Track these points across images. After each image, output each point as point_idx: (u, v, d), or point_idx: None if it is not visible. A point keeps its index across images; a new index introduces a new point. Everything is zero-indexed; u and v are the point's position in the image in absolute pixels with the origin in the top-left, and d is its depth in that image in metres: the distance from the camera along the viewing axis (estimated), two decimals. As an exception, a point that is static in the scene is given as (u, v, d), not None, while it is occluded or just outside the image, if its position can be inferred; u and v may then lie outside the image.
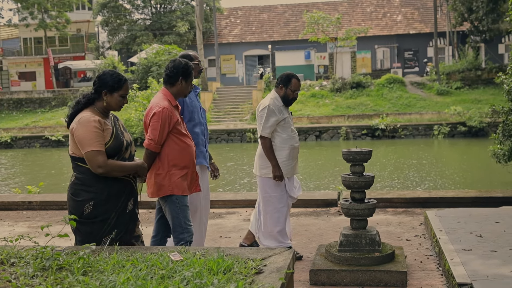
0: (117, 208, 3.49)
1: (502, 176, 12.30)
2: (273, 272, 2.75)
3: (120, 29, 41.28)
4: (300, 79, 5.28)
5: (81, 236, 3.46)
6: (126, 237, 3.58)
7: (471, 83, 30.53)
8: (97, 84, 3.51)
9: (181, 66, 4.18)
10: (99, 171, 3.35)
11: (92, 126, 3.35)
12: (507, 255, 4.55)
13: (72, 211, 3.44)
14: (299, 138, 5.42)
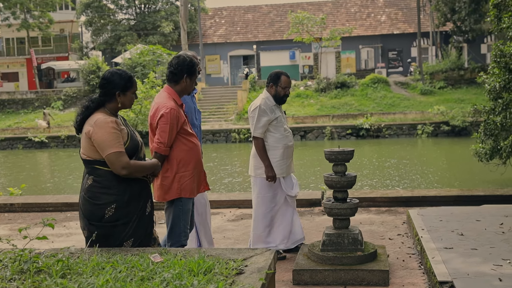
0: (138, 211, 3.40)
1: (484, 174, 12.44)
2: (254, 272, 2.75)
3: (104, 29, 41.02)
4: (289, 76, 5.27)
5: (100, 241, 3.30)
6: (146, 240, 3.47)
7: (454, 82, 30.82)
8: (107, 86, 3.40)
9: (186, 63, 4.04)
10: (123, 172, 3.27)
11: (110, 127, 3.26)
12: (488, 253, 4.60)
13: (90, 215, 3.32)
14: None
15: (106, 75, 3.44)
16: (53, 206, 8.15)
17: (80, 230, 6.67)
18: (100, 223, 3.30)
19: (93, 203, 3.31)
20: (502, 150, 10.47)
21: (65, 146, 27.40)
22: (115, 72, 3.44)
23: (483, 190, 7.79)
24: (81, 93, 33.91)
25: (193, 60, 4.09)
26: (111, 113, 3.41)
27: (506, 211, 6.14)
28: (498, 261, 4.37)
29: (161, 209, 5.82)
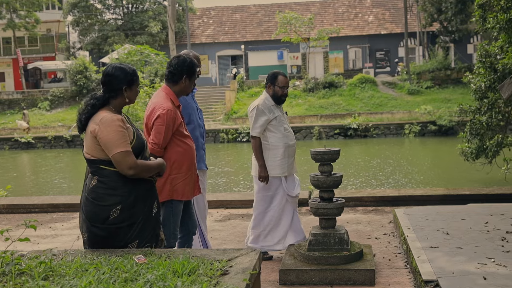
0: (144, 212, 3.28)
1: (470, 174, 12.53)
2: (238, 273, 2.74)
3: (91, 29, 40.75)
4: (287, 76, 5.32)
5: (103, 243, 3.23)
6: (152, 242, 3.34)
7: (441, 82, 31.03)
8: (112, 82, 3.28)
9: (186, 63, 3.99)
10: (130, 172, 3.16)
11: (116, 126, 3.15)
12: (473, 252, 4.63)
13: (94, 217, 3.20)
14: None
15: (110, 71, 3.31)
16: (38, 207, 8.09)
17: (66, 231, 6.65)
18: (104, 225, 3.19)
19: (97, 204, 3.19)
20: (487, 149, 10.58)
21: (52, 147, 27.20)
22: (119, 67, 3.33)
23: (469, 189, 7.85)
24: (68, 93, 33.68)
25: (193, 61, 4.05)
26: (116, 110, 3.31)
27: (491, 210, 6.20)
28: (483, 259, 4.41)
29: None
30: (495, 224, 5.54)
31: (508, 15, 8.06)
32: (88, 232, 3.26)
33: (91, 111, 3.25)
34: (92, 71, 33.58)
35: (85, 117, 3.26)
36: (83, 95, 32.54)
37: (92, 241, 3.26)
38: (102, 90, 3.33)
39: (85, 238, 3.31)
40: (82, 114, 3.27)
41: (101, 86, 3.33)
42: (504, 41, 8.56)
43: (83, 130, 3.28)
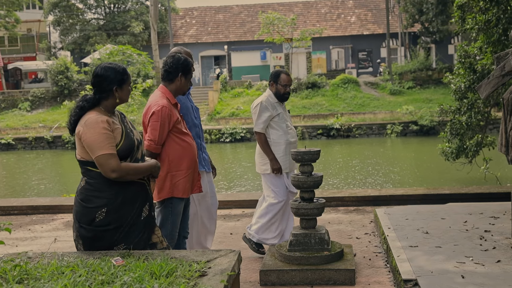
0: (132, 215, 3.24)
1: (450, 173, 12.66)
2: (217, 274, 2.73)
3: (72, 29, 40.36)
4: (289, 74, 5.44)
5: (90, 244, 3.22)
6: (140, 245, 3.29)
7: (423, 83, 31.31)
8: (103, 83, 3.24)
9: (181, 61, 4.00)
10: (112, 175, 3.11)
11: (100, 128, 3.11)
12: (451, 251, 4.67)
13: (81, 218, 3.20)
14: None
15: (99, 72, 3.26)
16: (18, 209, 7.99)
17: (45, 234, 6.58)
18: (90, 227, 3.18)
19: (85, 205, 3.19)
20: (467, 149, 10.69)
21: (33, 148, 26.88)
22: (108, 67, 3.28)
23: (449, 189, 7.93)
24: (49, 94, 33.32)
25: (188, 60, 4.06)
26: (108, 110, 3.27)
27: (470, 209, 6.26)
28: (461, 258, 4.45)
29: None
30: (474, 223, 5.60)
31: (487, 16, 8.16)
32: (77, 232, 3.27)
33: (79, 113, 3.23)
34: (74, 71, 33.28)
35: (74, 119, 3.24)
36: (64, 95, 32.25)
37: (80, 242, 3.28)
38: (93, 92, 3.30)
39: (74, 238, 3.33)
40: (72, 116, 3.26)
41: (92, 87, 3.30)
42: (482, 42, 8.66)
43: (73, 132, 3.26)
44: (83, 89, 28.22)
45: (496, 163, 11.10)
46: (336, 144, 23.56)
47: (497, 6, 8.02)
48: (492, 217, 5.81)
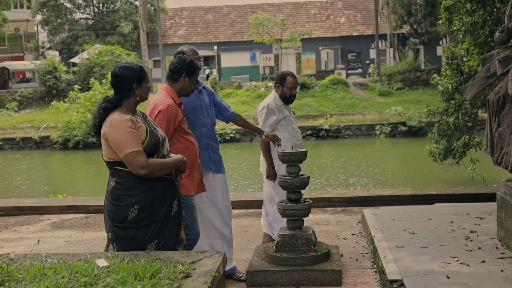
0: (162, 211, 3.31)
1: (438, 174, 12.73)
2: (201, 275, 2.72)
3: (61, 28, 40.10)
4: (295, 76, 5.37)
5: (124, 243, 3.26)
6: (171, 242, 3.38)
7: (411, 84, 31.48)
8: (122, 82, 3.29)
9: (186, 62, 4.00)
10: (141, 172, 3.18)
11: (125, 127, 3.17)
12: (437, 251, 4.69)
13: (114, 217, 3.27)
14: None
15: (117, 72, 3.32)
16: (3, 210, 7.92)
17: (31, 235, 6.53)
18: (123, 225, 3.24)
19: (117, 204, 3.25)
20: (455, 150, 10.76)
21: (21, 148, 26.67)
22: (125, 66, 3.34)
23: (436, 189, 7.97)
24: (37, 94, 33.08)
25: (194, 61, 4.05)
26: (130, 109, 3.33)
27: (457, 209, 6.29)
28: (447, 259, 4.47)
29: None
30: (460, 223, 5.63)
31: (473, 18, 8.22)
32: (111, 231, 3.32)
33: (104, 114, 3.28)
34: (62, 71, 33.07)
35: (98, 121, 3.28)
36: (52, 95, 32.03)
37: (115, 241, 3.32)
38: (114, 92, 3.34)
39: (110, 238, 3.35)
40: (96, 118, 3.29)
41: (112, 88, 3.34)
42: (469, 43, 8.72)
43: (99, 134, 3.31)
44: (72, 89, 28.03)
45: (483, 164, 11.18)
46: (325, 145, 23.61)
47: (483, 8, 8.08)
48: (478, 218, 5.84)
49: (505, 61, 4.36)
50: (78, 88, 26.77)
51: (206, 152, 4.44)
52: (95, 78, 28.14)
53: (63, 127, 24.89)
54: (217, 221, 4.54)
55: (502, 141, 4.78)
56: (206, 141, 4.45)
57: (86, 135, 24.21)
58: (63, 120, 25.17)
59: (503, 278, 3.99)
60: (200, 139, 4.37)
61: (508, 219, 4.66)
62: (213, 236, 4.52)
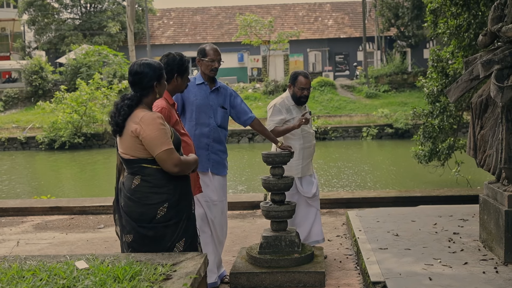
0: (187, 209, 3.29)
1: (423, 176, 12.80)
2: (181, 277, 2.70)
3: (47, 28, 39.76)
4: (308, 76, 5.14)
5: (151, 244, 3.17)
6: (196, 240, 3.35)
7: (398, 86, 31.64)
8: (144, 80, 3.21)
9: (176, 61, 3.89)
10: (175, 170, 3.14)
11: (158, 124, 3.12)
12: (420, 253, 4.72)
13: (140, 217, 3.16)
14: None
15: (138, 69, 3.24)
16: (-14, 212, 7.83)
17: (14, 236, 6.45)
18: (151, 224, 3.15)
19: (144, 203, 3.15)
20: (440, 152, 10.83)
21: (6, 149, 26.38)
22: (145, 63, 3.26)
23: (420, 191, 8.02)
24: (23, 94, 32.77)
25: (183, 58, 3.96)
26: (149, 107, 3.28)
27: (440, 211, 6.33)
28: (430, 260, 4.49)
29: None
30: (443, 225, 5.66)
31: (458, 21, 8.28)
32: (134, 233, 3.20)
33: (128, 111, 3.20)
34: (48, 71, 32.79)
35: (122, 118, 3.18)
36: (38, 96, 31.74)
37: (139, 242, 3.21)
38: (133, 90, 3.26)
39: (129, 240, 3.23)
40: (119, 116, 3.19)
41: (131, 86, 3.27)
42: (454, 46, 8.78)
43: (118, 133, 3.21)
44: (58, 89, 27.80)
45: (468, 166, 11.25)
46: (312, 147, 23.61)
47: (468, 12, 8.15)
48: (461, 220, 5.89)
49: (487, 64, 4.39)
50: (65, 89, 26.56)
51: (205, 152, 4.35)
52: (82, 78, 27.93)
53: (49, 128, 24.68)
54: (217, 223, 4.41)
55: (485, 143, 4.82)
56: (206, 141, 4.36)
57: (72, 135, 24.04)
58: (49, 121, 24.96)
59: (484, 279, 4.01)
60: (200, 138, 4.32)
61: (490, 221, 4.70)
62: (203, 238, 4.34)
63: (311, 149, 5.21)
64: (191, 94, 4.34)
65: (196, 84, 4.39)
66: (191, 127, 4.32)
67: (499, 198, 4.58)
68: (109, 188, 13.39)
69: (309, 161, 5.22)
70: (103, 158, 21.74)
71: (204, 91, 4.39)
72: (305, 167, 5.16)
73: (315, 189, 5.23)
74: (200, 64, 4.43)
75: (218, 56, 4.40)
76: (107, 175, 16.99)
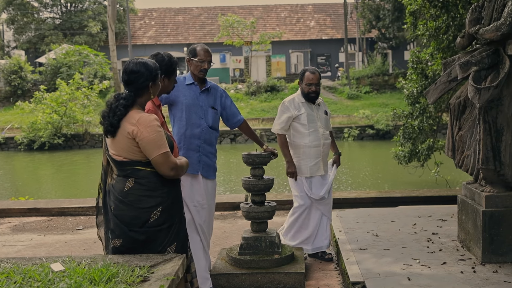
0: (179, 213, 3.23)
1: (404, 176, 12.90)
2: (159, 279, 2.67)
3: (27, 27, 39.29)
4: (315, 72, 5.06)
5: (142, 248, 3.10)
6: (186, 244, 3.29)
7: (379, 87, 31.89)
8: (140, 80, 3.13)
9: (164, 62, 3.78)
10: (171, 173, 3.08)
11: (155, 126, 3.05)
12: (399, 253, 4.74)
13: (132, 221, 3.08)
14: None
15: (133, 68, 3.15)
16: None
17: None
18: (144, 229, 3.08)
19: (137, 207, 3.07)
20: (419, 153, 10.91)
21: (-17, 150, 26.00)
22: (141, 62, 3.18)
23: (400, 192, 8.07)
24: (1, 94, 32.31)
25: (172, 59, 3.86)
26: (142, 108, 3.20)
27: (420, 211, 6.38)
28: (409, 260, 4.52)
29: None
30: (422, 225, 5.71)
31: (437, 23, 8.35)
32: (124, 237, 3.11)
33: (124, 112, 3.10)
34: (28, 71, 32.38)
35: (117, 119, 3.09)
36: (17, 96, 31.33)
37: (128, 247, 3.12)
38: (127, 89, 3.17)
39: (117, 245, 3.14)
40: (114, 116, 3.08)
41: (125, 85, 3.17)
42: (433, 48, 8.86)
43: (111, 133, 3.10)
44: (37, 89, 27.46)
45: (447, 166, 11.36)
46: (294, 147, 23.67)
47: (447, 14, 8.23)
48: (440, 220, 5.94)
49: (465, 66, 4.44)
50: (44, 89, 26.22)
51: (196, 154, 4.25)
52: (62, 78, 27.62)
53: (28, 128, 24.34)
54: (206, 228, 4.29)
55: (463, 144, 4.86)
56: (197, 143, 4.25)
57: (52, 136, 23.75)
58: (28, 121, 24.63)
59: (462, 279, 4.05)
60: (191, 139, 4.23)
61: (468, 221, 4.74)
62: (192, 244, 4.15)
63: (320, 148, 5.03)
64: (180, 93, 4.25)
65: (186, 84, 4.30)
66: (181, 127, 4.23)
67: (477, 198, 4.63)
68: (88, 189, 13.26)
69: (319, 161, 5.04)
70: (83, 159, 21.52)
71: (194, 91, 4.30)
72: (314, 167, 5.03)
73: (324, 192, 5.07)
74: (190, 64, 4.34)
75: (209, 57, 4.33)
76: (87, 176, 16.84)
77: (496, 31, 4.34)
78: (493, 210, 4.42)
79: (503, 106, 4.40)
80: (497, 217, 4.41)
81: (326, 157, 5.15)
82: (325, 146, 5.08)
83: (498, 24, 4.34)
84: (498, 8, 4.49)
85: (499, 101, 4.39)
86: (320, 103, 5.15)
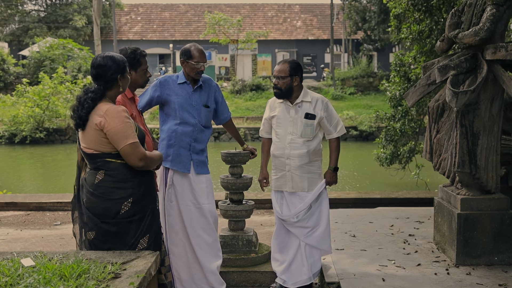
0: (151, 204, 3.24)
1: (384, 178, 12.98)
2: (130, 276, 2.66)
3: (10, 19, 38.80)
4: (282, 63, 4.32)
5: (114, 240, 3.11)
6: (159, 237, 3.32)
7: (364, 89, 32.06)
8: (108, 73, 3.13)
9: (127, 54, 3.78)
10: (140, 164, 3.08)
11: (123, 117, 3.06)
12: (375, 254, 4.78)
13: (103, 212, 3.09)
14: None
15: (101, 62, 3.16)
16: None
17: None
18: (115, 220, 3.10)
19: (108, 199, 3.09)
20: (401, 155, 10.99)
21: (-37, 142, 25.63)
22: (108, 56, 3.19)
23: (380, 193, 8.12)
24: (-17, 86, 31.91)
25: (136, 51, 3.83)
26: (112, 101, 3.21)
27: (398, 213, 6.43)
28: (384, 261, 4.55)
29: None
30: (399, 227, 5.75)
31: (420, 27, 8.42)
32: (96, 229, 3.13)
33: (92, 104, 3.11)
34: (11, 63, 31.99)
35: (85, 112, 3.10)
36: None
37: (101, 239, 3.13)
38: (96, 83, 3.18)
39: (91, 238, 3.14)
40: (82, 109, 3.10)
41: (93, 79, 3.18)
42: (416, 51, 8.93)
43: (81, 126, 3.13)
44: (20, 82, 27.15)
45: (427, 169, 11.44)
46: (277, 147, 23.70)
47: (430, 18, 8.29)
48: (417, 222, 5.99)
49: (443, 70, 4.48)
50: (27, 82, 25.93)
51: (187, 152, 4.17)
52: (45, 72, 27.33)
53: (9, 121, 24.05)
54: (201, 227, 4.15)
55: (441, 147, 4.91)
56: (188, 141, 4.17)
57: (34, 130, 23.50)
58: (9, 114, 24.33)
59: (435, 281, 4.09)
60: (182, 137, 4.16)
61: (444, 224, 4.79)
62: (197, 244, 4.11)
63: (284, 159, 4.22)
64: (172, 93, 4.22)
65: (178, 83, 4.24)
66: (175, 126, 4.19)
67: (453, 201, 4.67)
68: (68, 185, 13.15)
69: (284, 174, 4.24)
70: (64, 153, 21.33)
71: (186, 90, 4.23)
72: (279, 180, 4.27)
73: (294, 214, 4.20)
74: (185, 66, 4.22)
75: (204, 58, 4.23)
76: (67, 171, 16.68)
77: (475, 36, 4.39)
78: (468, 213, 4.47)
79: (480, 111, 4.45)
80: (471, 220, 4.46)
81: (301, 171, 4.24)
82: (295, 157, 4.21)
83: (477, 29, 4.38)
84: (477, 13, 4.53)
85: (476, 105, 4.44)
86: (301, 104, 4.27)
